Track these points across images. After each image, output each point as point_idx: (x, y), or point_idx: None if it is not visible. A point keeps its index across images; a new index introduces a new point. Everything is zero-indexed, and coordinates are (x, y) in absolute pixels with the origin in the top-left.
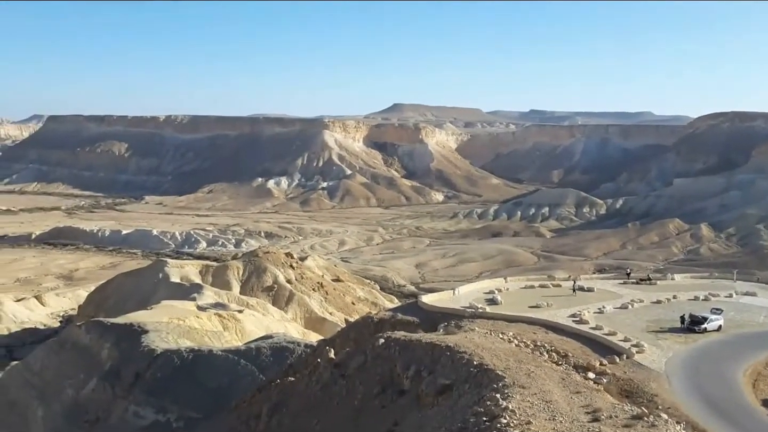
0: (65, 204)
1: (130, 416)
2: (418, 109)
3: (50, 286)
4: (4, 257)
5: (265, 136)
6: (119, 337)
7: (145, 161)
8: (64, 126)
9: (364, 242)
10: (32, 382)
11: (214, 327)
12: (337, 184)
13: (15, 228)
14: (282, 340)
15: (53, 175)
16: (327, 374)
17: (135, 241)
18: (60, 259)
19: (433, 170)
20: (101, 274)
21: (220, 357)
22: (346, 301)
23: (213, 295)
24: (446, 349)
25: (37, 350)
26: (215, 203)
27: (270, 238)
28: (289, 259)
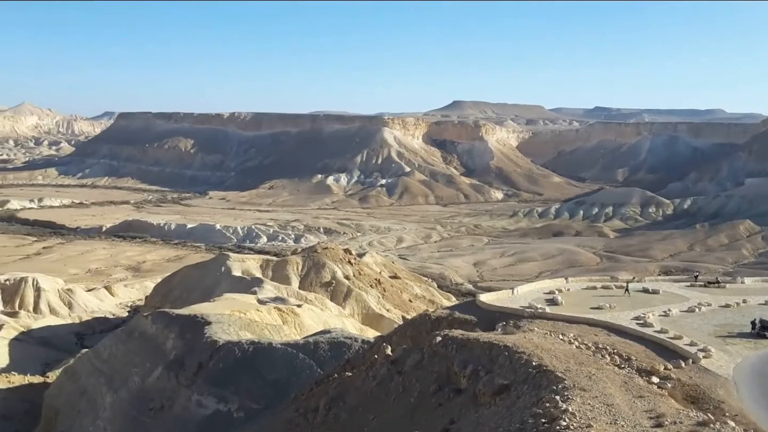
0: (134, 198)
1: (193, 405)
2: (478, 106)
3: (119, 277)
4: (77, 249)
5: (325, 133)
6: (183, 328)
7: (209, 157)
8: (134, 123)
9: (422, 240)
10: (101, 369)
11: (274, 320)
12: (396, 182)
13: (87, 221)
14: (340, 336)
15: (123, 170)
16: (384, 370)
17: (199, 234)
18: (129, 251)
19: (492, 168)
20: (167, 266)
21: (279, 350)
22: (403, 298)
23: (273, 289)
24: (504, 349)
25: (106, 339)
26: (276, 199)
27: (329, 234)
28: (347, 255)
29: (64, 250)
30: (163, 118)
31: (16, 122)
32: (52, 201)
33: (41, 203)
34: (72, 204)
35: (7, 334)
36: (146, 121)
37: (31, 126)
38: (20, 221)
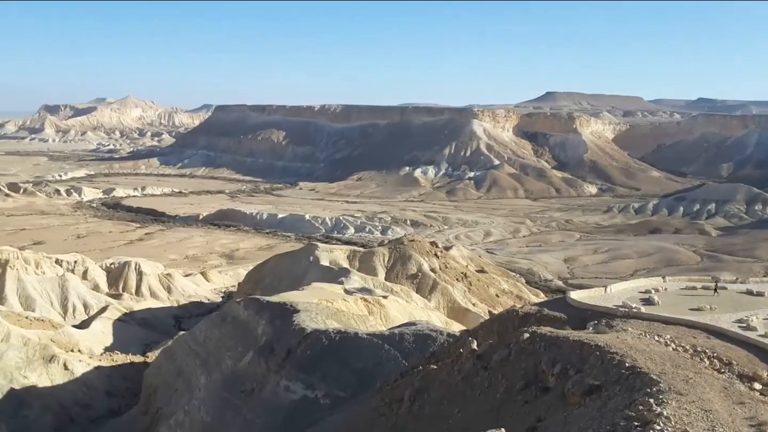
0: (229, 188)
1: (281, 390)
2: (572, 98)
3: (214, 263)
4: (176, 236)
5: (413, 125)
6: (273, 315)
7: (300, 149)
8: (230, 115)
9: (511, 234)
10: (196, 351)
11: (360, 311)
12: (485, 174)
13: (185, 209)
14: (425, 328)
15: (219, 160)
16: (469, 365)
17: (289, 224)
18: (223, 239)
19: (586, 161)
20: (258, 254)
21: (365, 340)
22: (490, 292)
23: (359, 279)
24: (596, 349)
25: (201, 322)
26: (364, 190)
27: (415, 226)
28: (433, 248)
29: (164, 236)
30: (257, 111)
31: (122, 114)
32: (153, 190)
33: (144, 192)
34: (172, 193)
35: (111, 315)
36: (241, 114)
37: (135, 118)
38: (125, 208)
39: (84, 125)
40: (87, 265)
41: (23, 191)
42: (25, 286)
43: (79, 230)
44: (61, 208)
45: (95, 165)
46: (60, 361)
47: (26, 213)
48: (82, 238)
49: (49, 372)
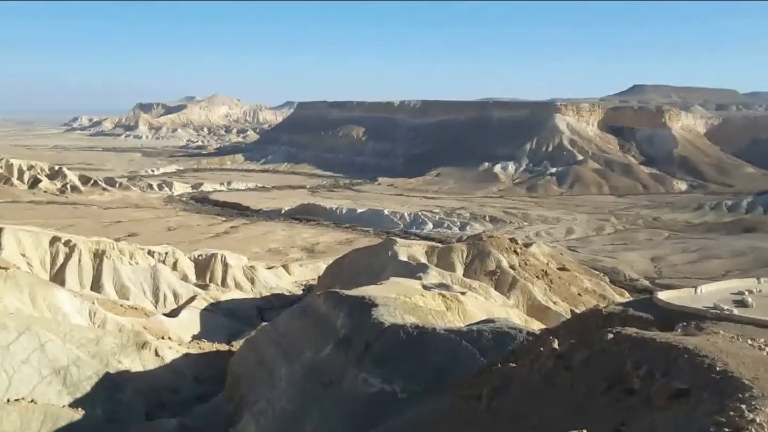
0: (310, 183)
1: (360, 383)
2: (661, 91)
3: (295, 257)
4: (259, 229)
5: (493, 120)
6: (352, 308)
7: (379, 144)
8: (311, 111)
9: (594, 231)
10: (278, 341)
11: (438, 306)
12: (567, 170)
13: (268, 203)
14: (504, 325)
15: (300, 156)
16: (550, 364)
17: (368, 219)
18: (304, 233)
19: (675, 157)
20: (338, 248)
21: (442, 336)
22: (572, 291)
23: (437, 275)
24: (684, 351)
25: (283, 314)
26: (442, 186)
27: (494, 222)
28: (513, 244)
29: (248, 230)
30: (338, 107)
31: (210, 112)
32: (238, 184)
33: (230, 186)
34: (256, 187)
35: (199, 304)
36: (322, 110)
37: (222, 115)
38: (212, 202)
39: (174, 122)
40: (177, 257)
41: (119, 185)
42: (120, 275)
43: (170, 223)
44: (154, 202)
45: (185, 161)
46: (151, 348)
47: (121, 206)
48: (172, 231)
49: (142, 358)
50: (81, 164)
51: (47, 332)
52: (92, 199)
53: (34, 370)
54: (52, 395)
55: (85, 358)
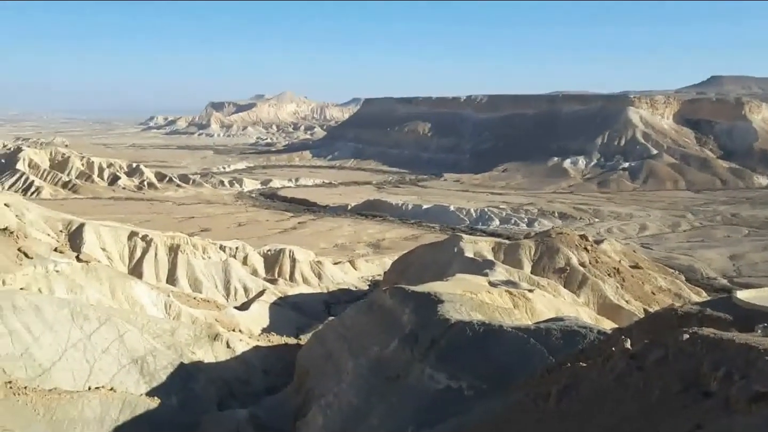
0: (375, 179)
1: (425, 379)
2: (741, 82)
3: (361, 252)
4: (326, 225)
5: (563, 114)
6: (418, 304)
7: (445, 140)
8: (377, 108)
9: (669, 228)
10: (344, 336)
11: (505, 304)
12: (641, 165)
13: (335, 199)
14: (573, 324)
15: (366, 152)
16: (622, 364)
17: (434, 215)
18: (370, 228)
19: (756, 150)
20: (404, 244)
21: (510, 333)
22: (645, 290)
23: (504, 272)
24: (765, 353)
25: (349, 309)
26: (509, 182)
27: (564, 218)
28: (583, 241)
29: (315, 225)
30: (404, 103)
31: (279, 109)
32: (306, 181)
33: (297, 182)
34: (323, 184)
35: (268, 298)
36: (388, 106)
37: (290, 112)
38: (280, 198)
39: (245, 120)
40: (247, 251)
41: (192, 182)
42: (193, 269)
43: (240, 219)
44: (225, 198)
45: (254, 158)
46: (223, 340)
47: (194, 202)
48: (242, 226)
49: (214, 349)
50: (157, 162)
51: (126, 323)
52: (167, 195)
53: (113, 360)
54: (130, 384)
55: (161, 348)
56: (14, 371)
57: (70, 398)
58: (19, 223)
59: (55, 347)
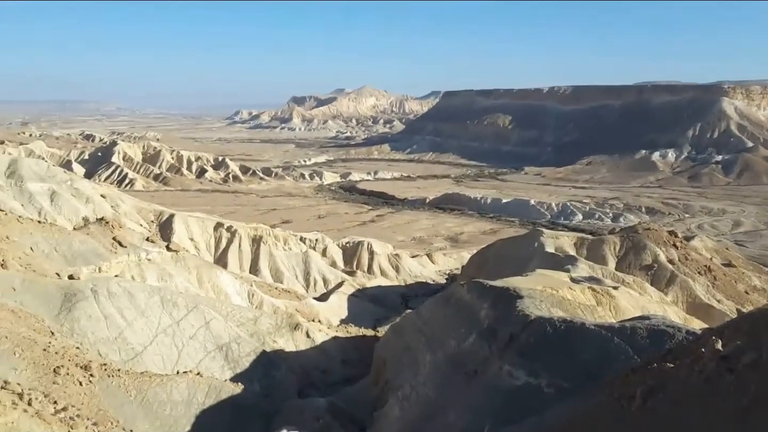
0: (454, 172)
1: (504, 375)
2: None
3: (439, 246)
4: (404, 218)
5: (651, 106)
6: (496, 299)
7: (526, 132)
8: (457, 100)
9: (765, 225)
10: (422, 329)
11: (587, 301)
12: (735, 158)
13: (413, 192)
14: (660, 323)
15: (445, 145)
16: (712, 366)
17: (513, 209)
18: (448, 222)
19: None
20: (482, 238)
21: (592, 331)
22: (738, 289)
23: (587, 268)
24: None
25: (427, 302)
26: (593, 175)
27: (651, 214)
28: (672, 237)
29: (393, 218)
30: (484, 95)
31: (358, 103)
32: (384, 174)
33: (376, 176)
34: (401, 177)
35: (346, 290)
36: (468, 99)
37: (369, 106)
38: (359, 191)
39: (325, 114)
40: (326, 243)
41: (274, 175)
42: (275, 260)
43: (320, 211)
44: (305, 191)
45: (334, 151)
46: (303, 329)
47: (276, 195)
48: (322, 219)
49: (294, 338)
50: (241, 155)
51: (212, 311)
52: (251, 188)
53: (200, 346)
54: (216, 369)
55: (244, 336)
56: (109, 354)
57: (160, 381)
58: (114, 213)
59: (146, 332)
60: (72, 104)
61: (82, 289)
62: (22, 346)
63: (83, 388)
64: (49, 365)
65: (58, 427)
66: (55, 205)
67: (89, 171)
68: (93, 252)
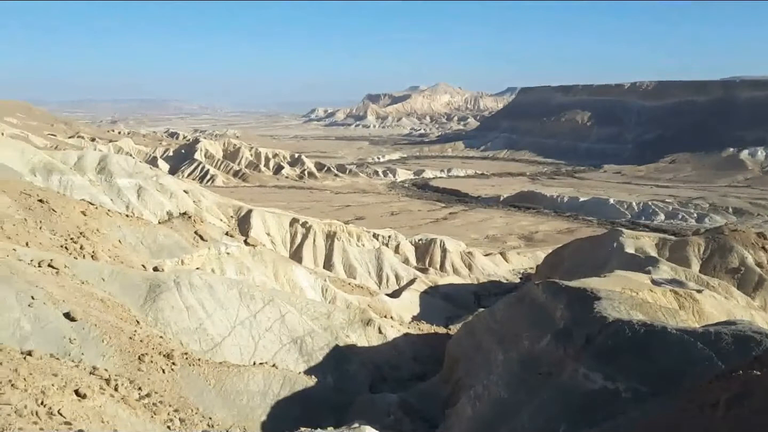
0: (529, 170)
1: (579, 377)
2: None
3: (513, 244)
4: (478, 216)
5: (739, 101)
6: (572, 300)
7: (605, 129)
8: (533, 97)
9: None
10: (494, 328)
11: (669, 304)
12: None
13: (487, 190)
14: (747, 329)
15: (521, 143)
16: None
17: (591, 208)
18: (522, 220)
19: None
20: (558, 237)
21: (674, 335)
22: None
23: (669, 270)
24: None
25: (500, 301)
26: (677, 174)
27: (739, 214)
28: (761, 239)
29: (466, 216)
30: (562, 92)
31: (433, 101)
32: (458, 171)
33: (449, 173)
34: (475, 174)
35: (418, 287)
36: (545, 95)
37: (444, 103)
38: (432, 189)
39: (399, 112)
40: (399, 240)
41: (348, 172)
42: (348, 256)
43: (393, 208)
44: (378, 188)
45: (408, 148)
46: (375, 325)
47: (350, 191)
48: (394, 216)
49: (366, 334)
50: (317, 152)
51: (287, 304)
52: (325, 184)
53: (275, 338)
54: (290, 362)
55: (318, 330)
56: (190, 343)
57: (237, 371)
58: (196, 208)
59: (225, 323)
60: (156, 103)
61: (166, 280)
62: (110, 334)
63: (165, 376)
64: (135, 353)
65: (142, 412)
66: (141, 200)
67: (173, 167)
68: (176, 245)
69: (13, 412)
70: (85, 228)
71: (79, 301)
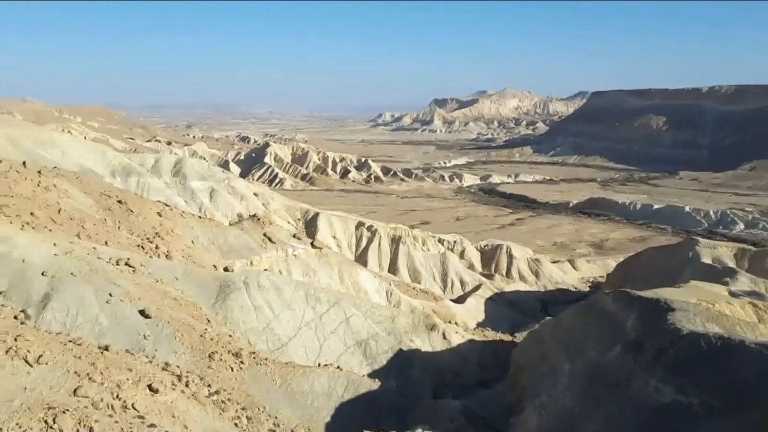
0: (600, 176)
1: (650, 390)
2: None
3: (582, 252)
4: (545, 222)
5: None
6: (644, 311)
7: (680, 135)
8: (605, 101)
9: None
10: (561, 337)
11: (748, 317)
12: None
13: (555, 196)
14: None
15: (591, 148)
16: None
17: (665, 216)
18: (592, 228)
19: None
20: (630, 246)
21: (752, 349)
22: None
23: (748, 282)
24: None
25: (567, 310)
26: (757, 182)
27: None
28: None
29: (534, 222)
30: (636, 96)
31: (500, 105)
32: (525, 177)
33: (517, 178)
34: (543, 180)
35: (483, 293)
36: (618, 99)
37: (512, 108)
38: (499, 194)
39: (466, 116)
40: (464, 246)
41: (414, 176)
42: (413, 260)
43: (459, 213)
44: (444, 193)
45: (474, 153)
46: (439, 330)
47: (416, 196)
48: (460, 221)
49: (430, 339)
50: (383, 156)
51: (352, 307)
52: (391, 188)
53: (340, 340)
54: (354, 364)
55: (382, 334)
56: (257, 343)
57: (303, 372)
58: (265, 210)
59: (291, 324)
60: (227, 108)
61: (236, 280)
62: (182, 331)
63: (234, 374)
64: (205, 350)
65: (211, 409)
66: (213, 202)
67: (244, 170)
68: (245, 246)
69: (90, 404)
70: (161, 228)
71: (153, 299)
